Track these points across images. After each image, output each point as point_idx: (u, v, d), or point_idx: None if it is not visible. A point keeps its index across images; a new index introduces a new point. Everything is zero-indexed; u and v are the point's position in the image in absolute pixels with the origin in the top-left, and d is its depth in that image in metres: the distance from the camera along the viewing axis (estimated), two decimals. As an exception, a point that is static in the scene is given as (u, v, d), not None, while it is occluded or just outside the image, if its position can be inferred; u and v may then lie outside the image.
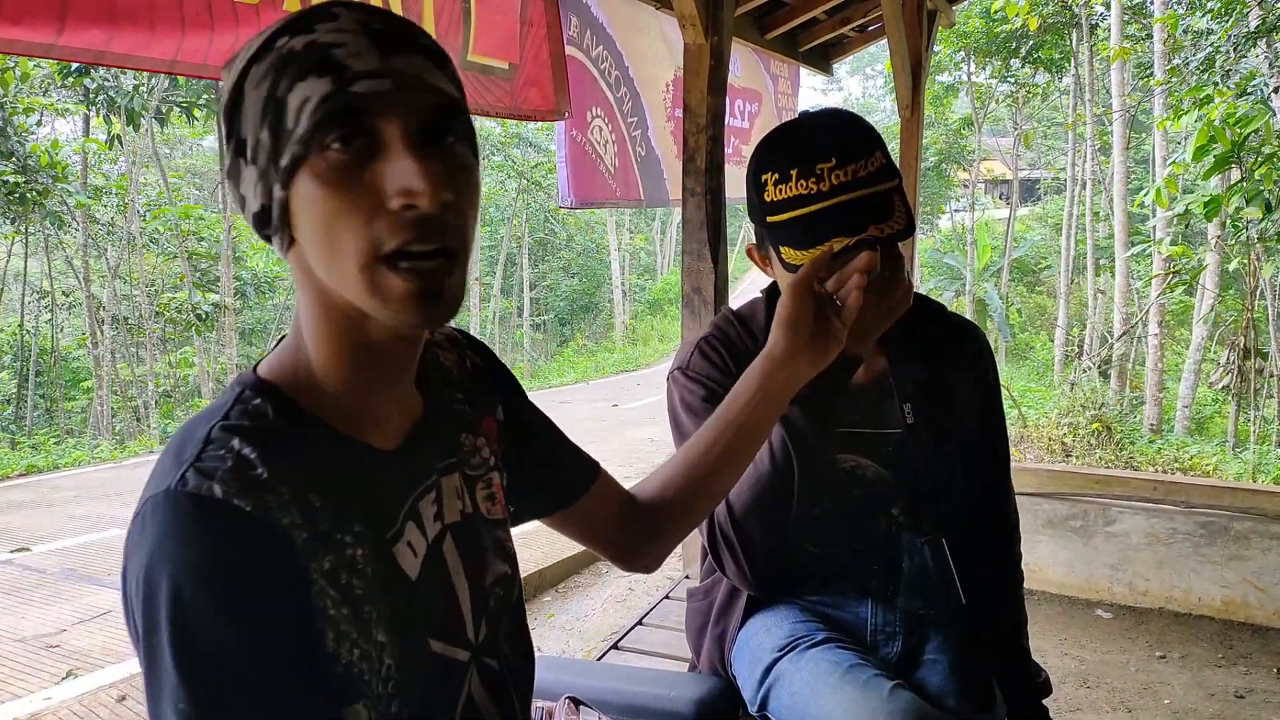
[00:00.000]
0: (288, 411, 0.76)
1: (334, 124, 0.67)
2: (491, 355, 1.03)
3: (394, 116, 0.69)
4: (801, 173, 1.20)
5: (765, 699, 1.40)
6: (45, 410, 16.79)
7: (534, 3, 2.95)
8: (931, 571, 1.41)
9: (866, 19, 4.93)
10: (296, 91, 0.68)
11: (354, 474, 0.78)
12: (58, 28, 1.55)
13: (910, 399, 1.41)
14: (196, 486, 0.67)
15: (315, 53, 0.68)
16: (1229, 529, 3.83)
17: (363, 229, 0.68)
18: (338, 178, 0.68)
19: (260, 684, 0.66)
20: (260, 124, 0.70)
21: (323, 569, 0.73)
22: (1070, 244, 16.61)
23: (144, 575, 0.66)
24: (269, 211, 0.73)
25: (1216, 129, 6.03)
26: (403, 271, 0.69)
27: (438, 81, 0.71)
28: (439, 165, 0.70)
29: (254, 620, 0.67)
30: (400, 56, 0.69)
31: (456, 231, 0.71)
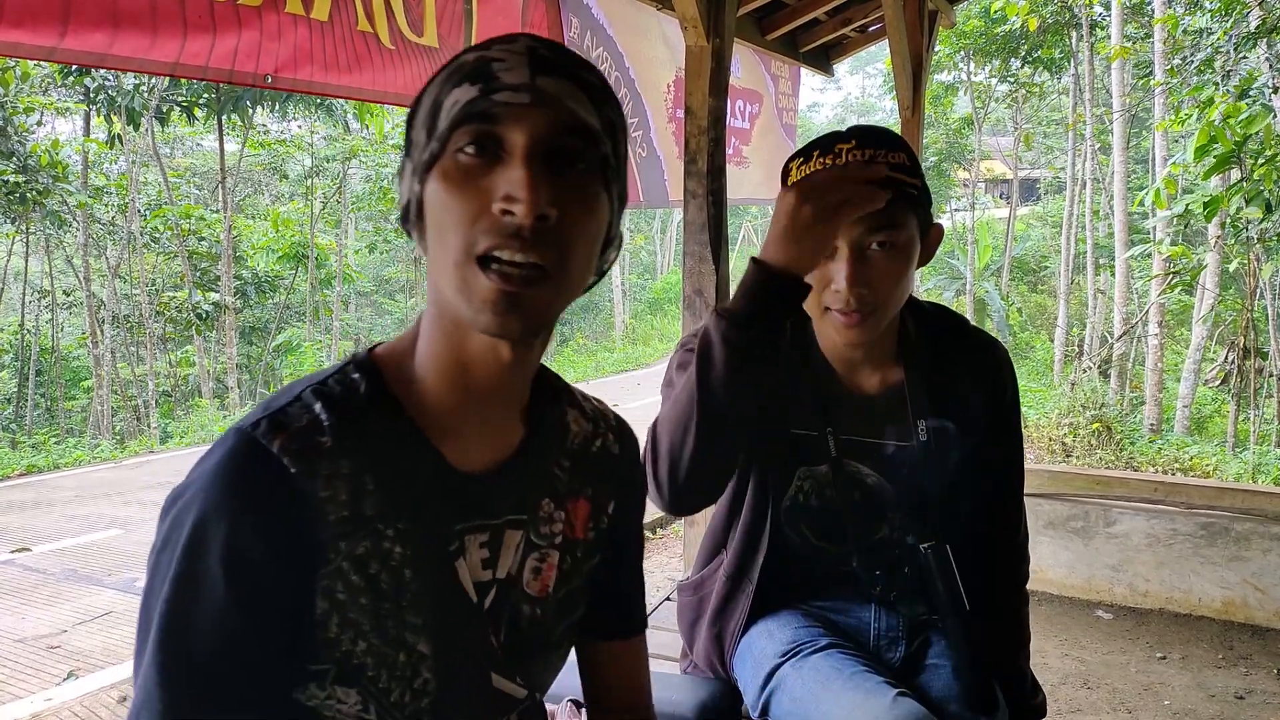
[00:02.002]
0: (379, 394, 0.79)
1: (468, 127, 0.71)
2: (635, 454, 1.01)
3: (523, 129, 0.71)
4: (822, 152, 1.27)
5: (767, 704, 1.40)
6: (45, 410, 16.79)
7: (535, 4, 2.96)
8: (934, 577, 1.41)
9: (867, 19, 4.93)
10: (451, 96, 0.73)
11: (418, 474, 0.79)
12: (60, 31, 1.55)
13: (925, 414, 1.39)
14: (261, 435, 0.72)
15: (478, 65, 0.73)
16: (1229, 530, 3.84)
17: (466, 227, 0.71)
18: (459, 177, 0.72)
19: (233, 637, 0.69)
20: (423, 125, 0.76)
21: (352, 552, 0.74)
22: (1070, 243, 16.60)
23: (188, 489, 0.72)
24: (410, 207, 0.77)
25: (1217, 129, 6.03)
26: (490, 273, 0.71)
27: (578, 107, 0.73)
28: (553, 183, 0.71)
29: (250, 578, 0.70)
30: (548, 78, 0.72)
31: (554, 249, 0.72)
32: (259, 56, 1.89)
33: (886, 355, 1.42)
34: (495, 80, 0.71)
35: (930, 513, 1.41)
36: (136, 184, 15.05)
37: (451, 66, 0.76)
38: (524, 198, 0.69)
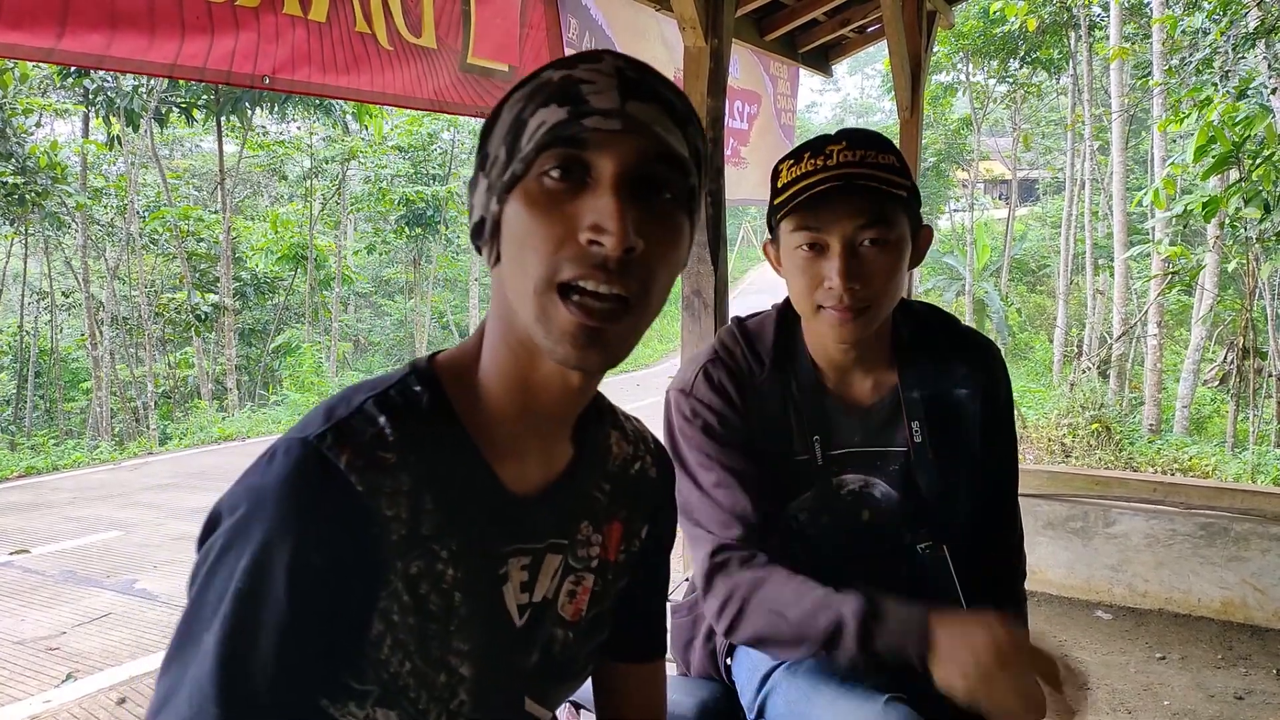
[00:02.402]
0: (440, 409, 0.77)
1: (555, 151, 0.69)
2: (670, 478, 1.01)
3: (612, 156, 0.69)
4: (813, 154, 1.26)
5: (762, 706, 1.40)
6: (44, 411, 16.79)
7: (534, 5, 2.96)
8: (931, 579, 1.41)
9: (866, 20, 4.94)
10: (537, 116, 0.70)
11: (474, 495, 0.77)
12: (58, 32, 1.55)
13: (918, 417, 1.39)
14: (329, 449, 0.70)
15: (565, 85, 0.71)
16: (1228, 530, 3.84)
17: (548, 254, 0.69)
18: (544, 201, 0.70)
19: (296, 656, 0.68)
20: (502, 141, 0.73)
21: (407, 572, 0.73)
22: (1069, 244, 16.62)
23: (249, 500, 0.69)
24: (485, 224, 0.75)
25: (1216, 130, 6.04)
26: (572, 304, 0.69)
27: (667, 134, 0.71)
28: (640, 212, 0.69)
29: (316, 597, 0.68)
30: (638, 103, 0.70)
31: (638, 281, 0.70)
32: (257, 58, 1.89)
33: (879, 358, 1.41)
34: (584, 103, 0.69)
35: (928, 515, 1.41)
36: (135, 185, 15.05)
37: (535, 83, 0.74)
38: (613, 229, 0.67)
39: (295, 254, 18.97)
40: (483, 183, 0.76)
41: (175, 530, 6.91)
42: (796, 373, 1.40)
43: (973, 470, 1.43)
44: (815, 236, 1.26)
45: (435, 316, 23.69)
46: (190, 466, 10.03)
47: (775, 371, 1.40)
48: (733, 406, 1.36)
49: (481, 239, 0.76)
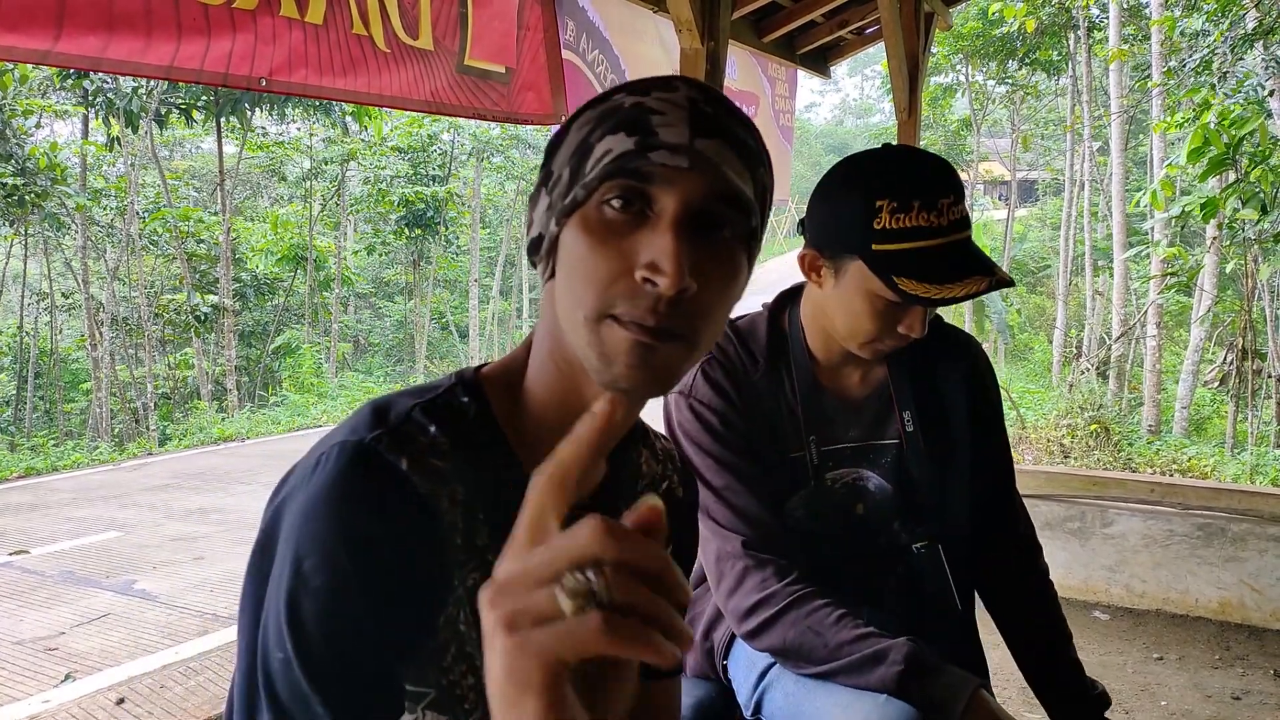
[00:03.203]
0: (485, 422, 0.77)
1: (619, 181, 0.68)
2: (696, 500, 1.01)
3: (675, 194, 0.68)
4: (924, 205, 1.21)
5: (759, 703, 1.40)
6: (44, 412, 16.80)
7: (531, 7, 2.96)
8: (927, 577, 1.42)
9: (864, 21, 4.94)
10: (604, 142, 0.69)
11: (514, 507, 0.77)
12: (54, 34, 1.55)
13: (909, 408, 1.41)
14: (388, 450, 0.69)
15: (636, 113, 0.70)
16: (1226, 531, 3.84)
17: (604, 286, 0.68)
18: (602, 231, 0.69)
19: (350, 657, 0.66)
20: (568, 161, 0.72)
21: (466, 584, 0.73)
22: (1069, 245, 16.62)
23: (309, 509, 0.67)
24: (542, 241, 0.74)
25: (1211, 131, 6.04)
26: (628, 325, 0.68)
27: (734, 175, 0.70)
28: (698, 253, 0.68)
29: (385, 601, 0.67)
30: (707, 139, 0.69)
31: (690, 319, 0.69)
32: (253, 60, 1.89)
33: None
34: (653, 136, 0.68)
35: (921, 508, 1.42)
36: (135, 186, 15.06)
37: (605, 106, 0.72)
38: (669, 270, 0.66)
39: (295, 255, 18.98)
40: (544, 200, 0.75)
41: (174, 531, 6.91)
42: (791, 369, 1.42)
43: (964, 461, 1.44)
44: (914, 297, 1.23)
45: (435, 317, 23.69)
46: (190, 467, 10.03)
47: (770, 369, 1.41)
48: (733, 406, 1.37)
49: (538, 255, 0.75)
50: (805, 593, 1.28)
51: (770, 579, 1.30)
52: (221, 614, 5.00)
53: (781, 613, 1.27)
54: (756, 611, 1.29)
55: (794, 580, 1.30)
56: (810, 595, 1.28)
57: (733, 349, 1.43)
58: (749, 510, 1.33)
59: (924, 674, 1.17)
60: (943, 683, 1.17)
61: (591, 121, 0.72)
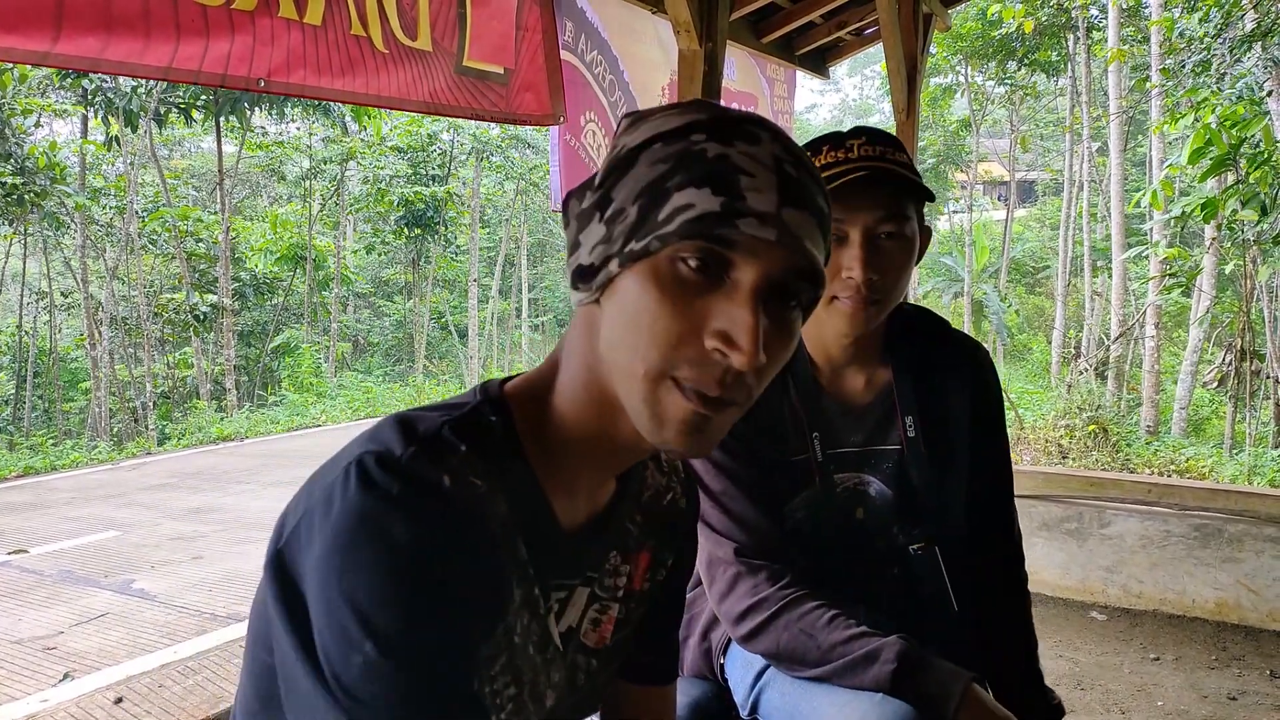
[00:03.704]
0: (510, 440, 0.75)
1: (701, 243, 0.66)
2: (697, 511, 1.01)
3: (758, 265, 0.66)
4: (832, 147, 1.29)
5: (756, 702, 1.41)
6: (43, 411, 16.79)
7: (530, 8, 2.96)
8: (924, 579, 1.42)
9: (863, 22, 4.94)
10: (685, 193, 0.66)
11: (536, 529, 0.77)
12: (53, 36, 1.55)
13: (911, 412, 1.41)
14: (427, 467, 0.67)
15: (722, 167, 0.66)
16: (1223, 531, 3.85)
17: (670, 347, 0.66)
18: (675, 289, 0.66)
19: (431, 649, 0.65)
20: (636, 197, 0.68)
21: (517, 593, 0.74)
22: (1068, 245, 16.64)
23: (346, 524, 0.64)
24: (596, 272, 0.71)
25: (1213, 132, 6.05)
26: (689, 393, 0.67)
27: (815, 249, 0.68)
28: (770, 327, 0.67)
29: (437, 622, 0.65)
30: (795, 210, 0.67)
31: (750, 389, 0.69)
32: (252, 60, 1.90)
33: (873, 356, 1.43)
34: (741, 200, 0.65)
35: (920, 513, 1.42)
36: (134, 186, 15.06)
37: (683, 146, 0.68)
38: (745, 346, 0.65)
39: (294, 254, 18.99)
40: (600, 229, 0.71)
41: (173, 530, 6.91)
42: (793, 372, 1.42)
43: (964, 467, 1.44)
44: (836, 227, 1.27)
45: (434, 317, 23.70)
46: (188, 467, 10.03)
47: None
48: None
49: (585, 283, 0.72)
50: (797, 595, 1.29)
51: (763, 584, 1.30)
52: (220, 613, 5.01)
53: (774, 616, 1.28)
54: (750, 616, 1.30)
55: (787, 584, 1.30)
56: (803, 598, 1.28)
57: None
58: (744, 516, 1.34)
59: (917, 671, 1.17)
60: (936, 679, 1.17)
61: (669, 162, 0.68)
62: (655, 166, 0.68)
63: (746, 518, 1.34)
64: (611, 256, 0.69)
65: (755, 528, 1.34)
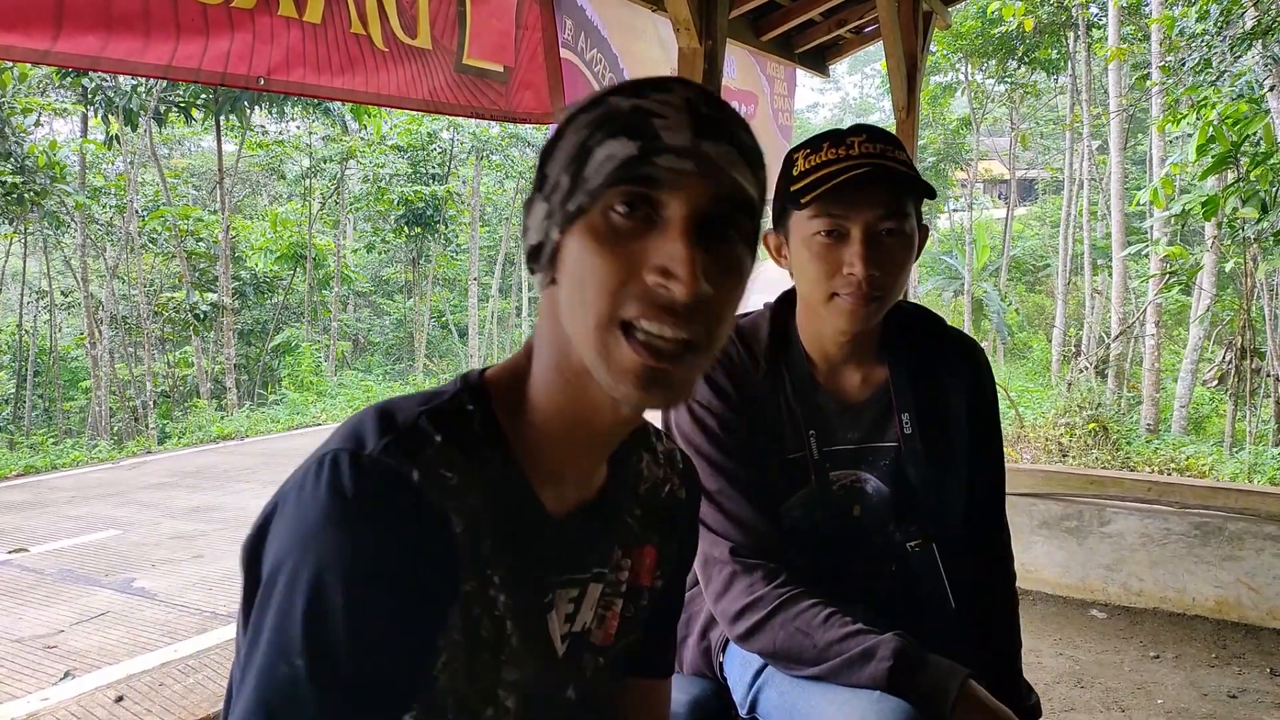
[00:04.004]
0: (490, 428, 0.76)
1: (625, 187, 0.68)
2: (697, 501, 1.01)
3: (684, 198, 0.68)
4: (833, 144, 1.29)
5: (755, 700, 1.41)
6: (43, 410, 16.79)
7: (529, 6, 2.96)
8: (922, 576, 1.42)
9: (862, 20, 4.94)
10: (605, 146, 0.68)
11: (520, 519, 0.77)
12: (53, 34, 1.55)
13: (908, 409, 1.41)
14: (396, 460, 0.68)
15: (635, 116, 0.69)
16: (1223, 529, 3.85)
17: (612, 290, 0.68)
18: (610, 238, 0.68)
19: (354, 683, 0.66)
20: (566, 167, 0.71)
21: (465, 591, 0.73)
22: (1068, 243, 16.63)
23: (312, 521, 0.66)
24: (543, 248, 0.73)
25: (1216, 129, 6.05)
26: (637, 342, 0.68)
27: (740, 176, 0.70)
28: (708, 258, 0.68)
29: (390, 618, 0.67)
30: (712, 142, 0.68)
31: (704, 324, 0.69)
32: (252, 59, 1.90)
33: (870, 354, 1.43)
34: (656, 140, 0.67)
35: (917, 510, 1.42)
36: (134, 185, 15.05)
37: (602, 109, 0.71)
38: (683, 275, 0.66)
39: (294, 253, 18.99)
40: (542, 207, 0.74)
41: (173, 529, 6.92)
42: (790, 369, 1.41)
43: (961, 465, 1.44)
44: (837, 223, 1.27)
45: (434, 316, 23.70)
46: (189, 465, 10.03)
47: (771, 370, 1.41)
48: (732, 408, 1.37)
49: (539, 263, 0.75)
50: (793, 594, 1.29)
51: (758, 583, 1.30)
52: (220, 612, 5.01)
53: (770, 615, 1.28)
54: (746, 615, 1.30)
55: (782, 583, 1.30)
56: (798, 596, 1.28)
57: (734, 350, 1.42)
58: (741, 515, 1.34)
59: (913, 668, 1.18)
60: (932, 676, 1.17)
61: (589, 126, 0.71)
62: (578, 133, 0.71)
63: (742, 517, 1.34)
64: (552, 226, 0.72)
65: (751, 527, 1.34)
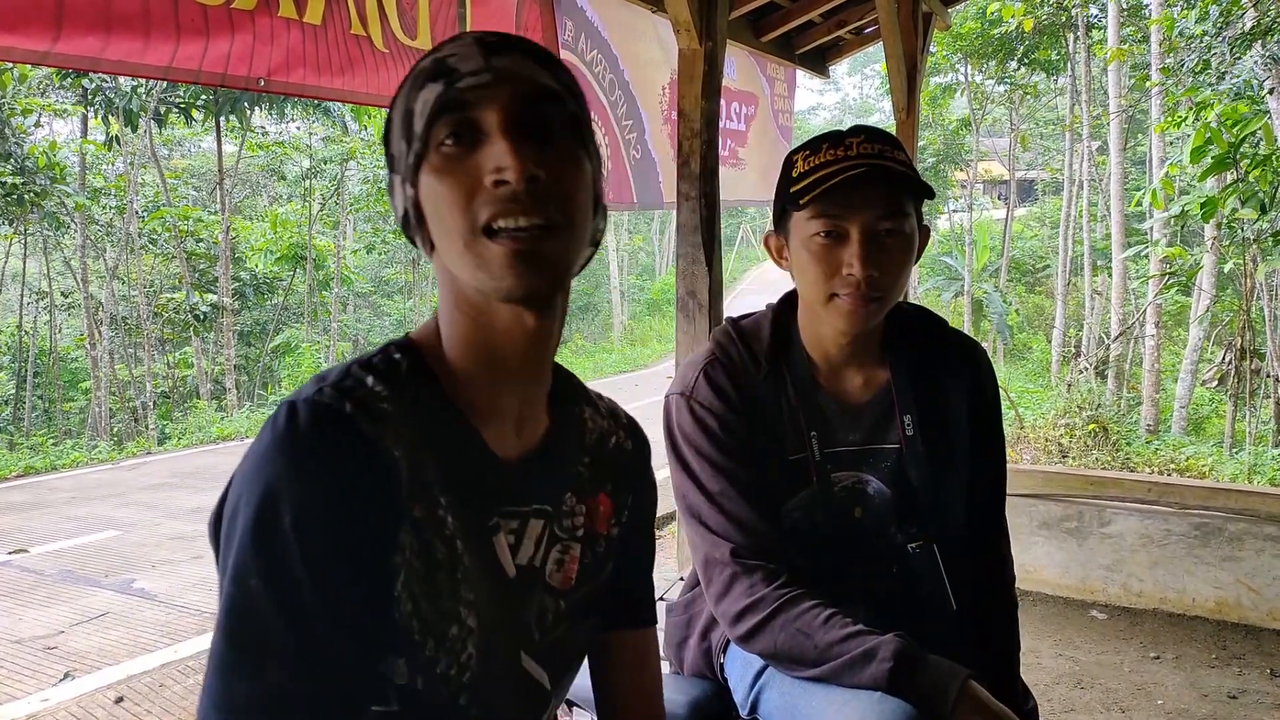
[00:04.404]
0: (419, 371, 0.82)
1: (443, 119, 0.75)
2: (646, 451, 1.04)
3: (493, 107, 0.75)
4: (831, 145, 1.30)
5: (756, 701, 1.41)
6: (43, 411, 16.78)
7: (529, 7, 2.97)
8: (923, 578, 1.42)
9: (862, 21, 4.94)
10: (419, 99, 0.77)
11: (463, 452, 0.83)
12: (53, 35, 1.55)
13: (910, 410, 1.41)
14: (330, 399, 0.75)
15: (436, 65, 0.77)
16: (1223, 530, 3.85)
17: (465, 207, 0.74)
18: (448, 167, 0.75)
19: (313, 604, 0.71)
20: (400, 135, 0.79)
21: (413, 515, 0.77)
22: (1067, 244, 16.62)
23: (256, 460, 0.73)
24: (409, 214, 0.80)
25: (1214, 131, 6.05)
26: (499, 238, 0.74)
27: (536, 75, 0.77)
28: (535, 148, 0.74)
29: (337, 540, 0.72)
30: (501, 56, 0.76)
31: (555, 205, 0.75)
32: (252, 60, 1.90)
33: (872, 355, 1.43)
34: (455, 72, 0.75)
35: (918, 511, 1.42)
36: (134, 185, 15.05)
37: (411, 76, 0.80)
38: (511, 164, 0.72)
39: (294, 254, 18.97)
40: (395, 179, 0.81)
41: (173, 530, 6.91)
42: (791, 370, 1.41)
43: (962, 466, 1.44)
44: (835, 224, 1.28)
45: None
46: (188, 466, 10.03)
47: (772, 370, 1.41)
48: (734, 409, 1.37)
49: (411, 229, 0.81)
50: (794, 595, 1.29)
51: (759, 584, 1.30)
52: (220, 613, 5.00)
53: (771, 616, 1.28)
54: (746, 616, 1.30)
55: (783, 584, 1.30)
56: (799, 597, 1.28)
57: (736, 350, 1.42)
58: (741, 517, 1.33)
59: (915, 669, 1.18)
60: (933, 676, 1.17)
61: (405, 93, 0.79)
62: (400, 104, 0.80)
63: (743, 518, 1.34)
64: (406, 187, 0.79)
65: (752, 528, 1.33)
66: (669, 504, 7.29)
